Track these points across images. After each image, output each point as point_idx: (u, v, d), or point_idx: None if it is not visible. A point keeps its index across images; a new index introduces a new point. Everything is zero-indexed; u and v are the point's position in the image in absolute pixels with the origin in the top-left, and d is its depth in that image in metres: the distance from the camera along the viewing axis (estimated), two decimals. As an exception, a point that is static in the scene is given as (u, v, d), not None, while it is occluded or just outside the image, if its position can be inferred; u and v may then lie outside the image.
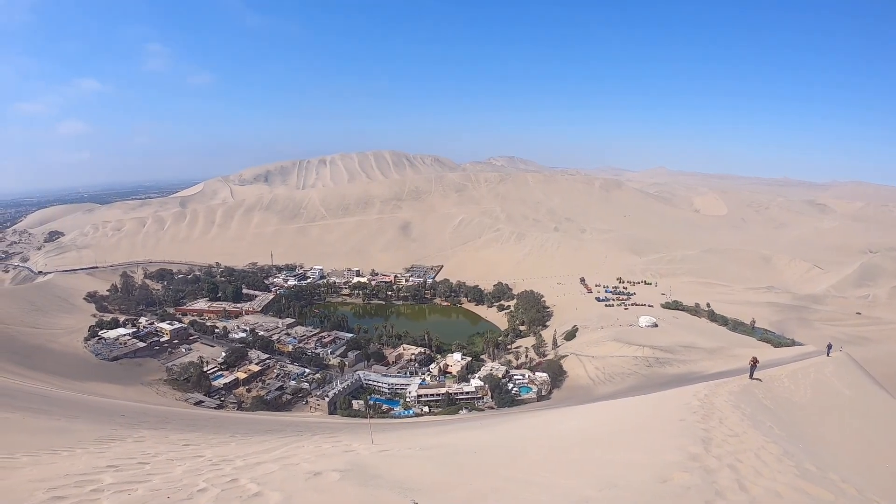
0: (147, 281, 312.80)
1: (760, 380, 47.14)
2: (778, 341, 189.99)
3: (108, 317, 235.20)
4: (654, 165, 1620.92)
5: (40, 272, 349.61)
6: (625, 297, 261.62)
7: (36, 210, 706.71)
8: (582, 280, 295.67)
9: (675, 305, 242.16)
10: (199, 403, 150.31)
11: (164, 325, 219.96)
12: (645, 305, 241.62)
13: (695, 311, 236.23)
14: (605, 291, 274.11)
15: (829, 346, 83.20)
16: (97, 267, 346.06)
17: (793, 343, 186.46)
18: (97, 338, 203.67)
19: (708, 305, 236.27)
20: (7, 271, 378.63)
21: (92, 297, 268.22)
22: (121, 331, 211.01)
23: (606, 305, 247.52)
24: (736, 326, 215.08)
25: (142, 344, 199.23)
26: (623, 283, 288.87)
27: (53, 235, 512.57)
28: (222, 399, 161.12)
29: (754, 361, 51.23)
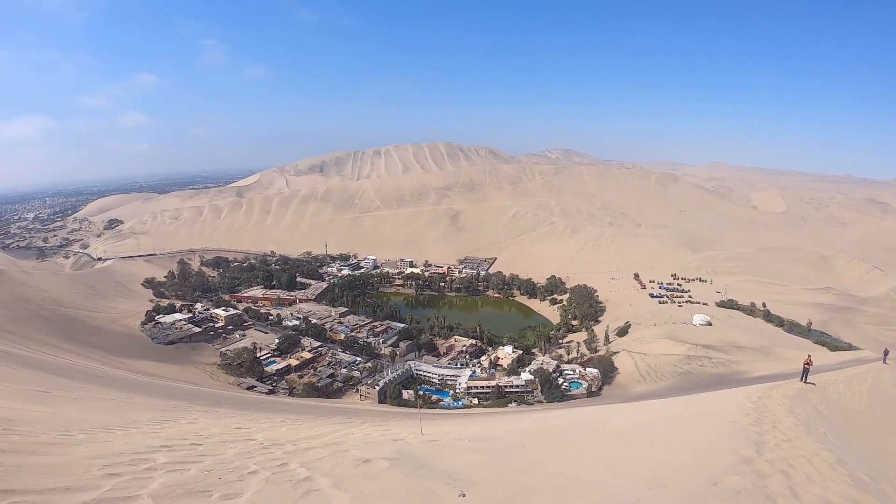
0: (203, 268, 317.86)
1: (815, 384, 46.21)
2: (834, 345, 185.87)
3: (164, 302, 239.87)
4: (712, 159, 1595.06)
5: (99, 258, 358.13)
6: (679, 294, 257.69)
7: (96, 199, 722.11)
8: (636, 276, 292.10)
9: (730, 304, 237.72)
10: (251, 388, 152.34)
11: (220, 312, 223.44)
12: (699, 303, 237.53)
13: (750, 310, 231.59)
14: (660, 288, 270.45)
15: (886, 353, 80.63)
16: (155, 254, 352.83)
17: (849, 347, 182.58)
18: (154, 322, 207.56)
19: (764, 305, 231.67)
20: (68, 257, 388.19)
21: (149, 282, 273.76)
22: (177, 316, 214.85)
23: (660, 302, 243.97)
24: (792, 328, 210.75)
25: (197, 329, 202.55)
26: (677, 279, 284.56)
27: (113, 223, 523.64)
28: (274, 385, 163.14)
29: (808, 364, 50.08)
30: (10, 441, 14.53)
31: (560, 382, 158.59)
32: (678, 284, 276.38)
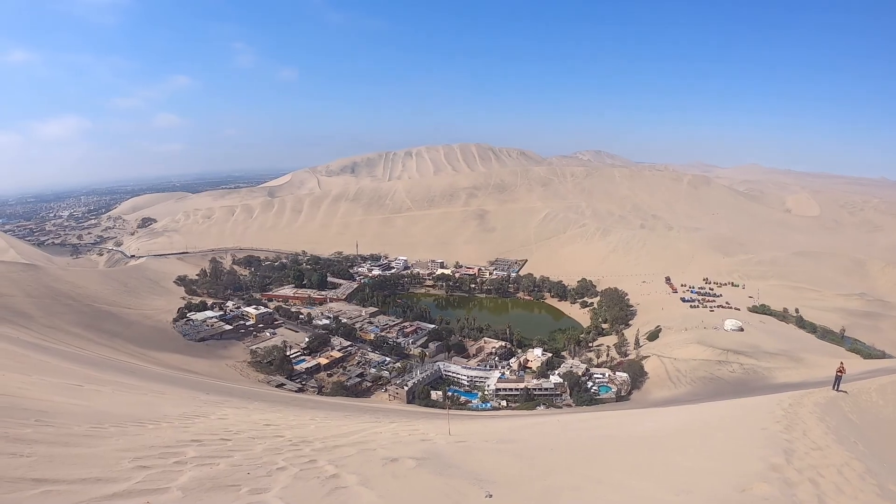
0: (235, 267, 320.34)
1: (847, 392, 45.55)
2: (868, 352, 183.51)
3: (196, 300, 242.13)
4: (745, 162, 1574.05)
5: (133, 256, 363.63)
6: (711, 298, 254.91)
7: (130, 197, 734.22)
8: (667, 279, 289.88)
9: (762, 309, 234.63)
10: (280, 386, 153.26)
11: (250, 310, 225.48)
12: (731, 308, 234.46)
13: (782, 316, 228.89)
14: (691, 292, 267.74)
15: None
16: (187, 252, 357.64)
17: (883, 355, 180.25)
18: (185, 319, 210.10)
19: (796, 311, 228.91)
20: (101, 254, 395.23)
21: (182, 280, 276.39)
22: (208, 313, 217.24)
23: (691, 306, 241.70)
24: (824, 334, 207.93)
25: (228, 327, 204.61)
26: (709, 283, 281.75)
27: (146, 222, 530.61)
28: (303, 383, 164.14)
29: (840, 371, 49.27)
30: (43, 432, 14.73)
31: (589, 386, 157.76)
32: (710, 289, 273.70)
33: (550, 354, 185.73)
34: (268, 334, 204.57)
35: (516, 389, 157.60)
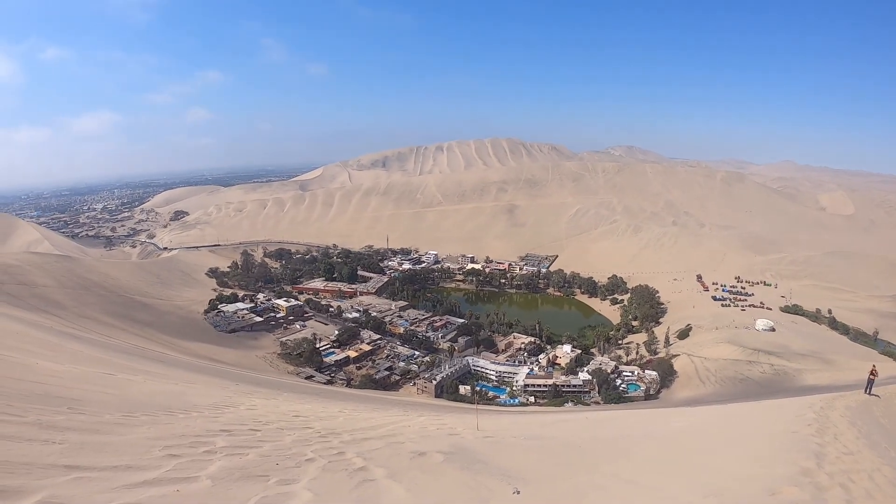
0: (266, 259, 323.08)
1: (879, 396, 44.81)
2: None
3: (227, 292, 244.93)
4: (780, 159, 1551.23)
5: (165, 248, 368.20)
6: (742, 297, 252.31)
7: (163, 191, 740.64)
8: (699, 277, 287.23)
9: (794, 310, 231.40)
10: (309, 378, 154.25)
11: (281, 302, 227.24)
12: (763, 308, 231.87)
13: (815, 317, 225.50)
14: (723, 290, 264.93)
15: None
16: (219, 245, 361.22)
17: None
18: (216, 311, 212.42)
19: (829, 312, 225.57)
20: (135, 246, 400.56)
21: (213, 272, 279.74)
22: (239, 305, 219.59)
23: (723, 305, 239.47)
24: (857, 336, 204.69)
25: (258, 319, 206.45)
26: (741, 282, 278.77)
27: (179, 214, 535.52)
28: (332, 375, 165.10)
29: (873, 374, 48.34)
30: (75, 420, 14.89)
31: (618, 384, 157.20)
32: (742, 287, 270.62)
33: (580, 351, 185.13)
34: (298, 326, 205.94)
35: (545, 386, 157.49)
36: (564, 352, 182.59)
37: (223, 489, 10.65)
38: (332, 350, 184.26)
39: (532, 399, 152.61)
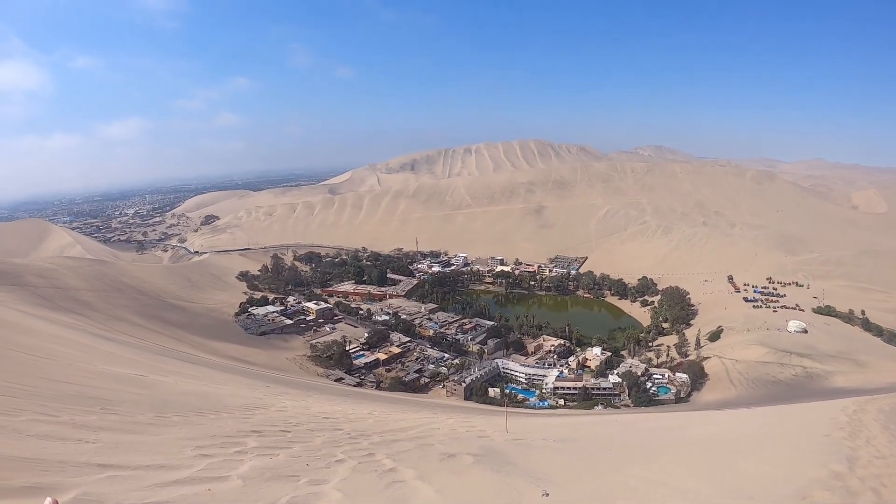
0: (296, 263, 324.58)
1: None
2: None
3: (258, 295, 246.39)
4: (811, 156, 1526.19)
5: (196, 252, 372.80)
6: (774, 298, 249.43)
7: (193, 195, 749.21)
8: (730, 278, 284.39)
9: (827, 311, 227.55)
10: (339, 380, 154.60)
11: (311, 305, 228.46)
12: (795, 309, 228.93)
13: (848, 318, 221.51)
14: (754, 291, 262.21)
15: None
16: (249, 248, 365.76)
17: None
18: (247, 314, 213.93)
19: (862, 313, 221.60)
20: (166, 250, 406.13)
21: (244, 276, 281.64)
22: (269, 308, 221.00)
23: (754, 306, 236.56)
24: (891, 338, 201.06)
25: (289, 321, 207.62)
26: (773, 283, 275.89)
27: (209, 219, 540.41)
28: (362, 377, 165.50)
29: None
30: (108, 420, 15.09)
31: (648, 387, 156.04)
32: (773, 288, 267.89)
33: (610, 353, 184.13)
34: (328, 329, 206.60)
35: (574, 388, 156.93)
36: (594, 354, 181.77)
37: (254, 489, 10.74)
38: (361, 352, 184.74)
39: (562, 402, 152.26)
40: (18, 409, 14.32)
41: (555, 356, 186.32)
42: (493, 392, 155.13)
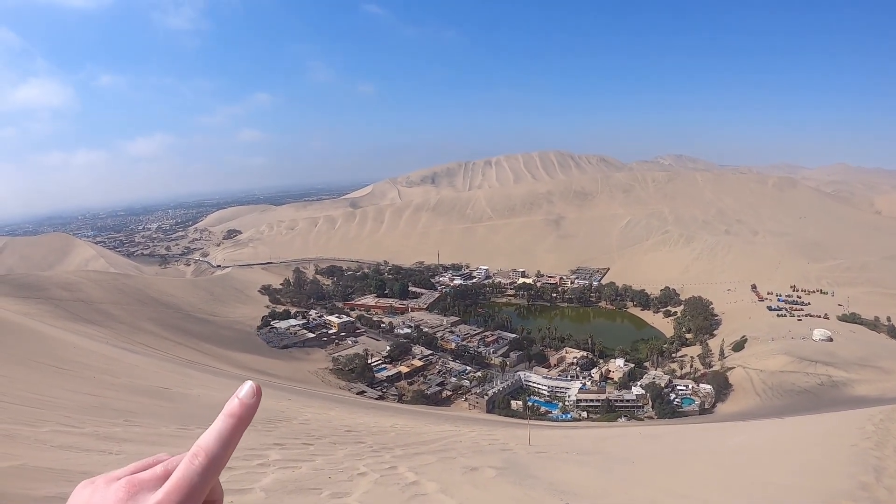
0: (318, 276, 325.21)
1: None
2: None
3: (280, 308, 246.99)
4: (833, 161, 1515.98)
5: (218, 266, 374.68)
6: (799, 307, 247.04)
7: (216, 210, 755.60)
8: (753, 287, 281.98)
9: (852, 318, 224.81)
10: (361, 393, 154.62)
11: (333, 318, 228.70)
12: (820, 317, 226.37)
13: (874, 325, 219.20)
14: (778, 300, 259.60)
15: None
16: (271, 262, 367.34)
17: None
18: (269, 327, 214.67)
19: (888, 320, 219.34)
20: (189, 265, 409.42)
21: (266, 289, 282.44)
22: (291, 321, 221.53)
23: (778, 315, 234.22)
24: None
25: (311, 335, 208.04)
26: (797, 291, 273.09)
27: (231, 233, 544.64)
28: (384, 391, 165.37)
29: None
30: (132, 431, 15.17)
31: (672, 398, 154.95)
32: (798, 296, 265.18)
33: (633, 365, 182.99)
34: (349, 342, 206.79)
35: (597, 400, 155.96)
36: (617, 366, 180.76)
37: (276, 501, 10.74)
38: (383, 366, 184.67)
39: (584, 414, 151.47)
40: (42, 420, 14.43)
41: (577, 368, 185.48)
42: (516, 405, 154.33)
